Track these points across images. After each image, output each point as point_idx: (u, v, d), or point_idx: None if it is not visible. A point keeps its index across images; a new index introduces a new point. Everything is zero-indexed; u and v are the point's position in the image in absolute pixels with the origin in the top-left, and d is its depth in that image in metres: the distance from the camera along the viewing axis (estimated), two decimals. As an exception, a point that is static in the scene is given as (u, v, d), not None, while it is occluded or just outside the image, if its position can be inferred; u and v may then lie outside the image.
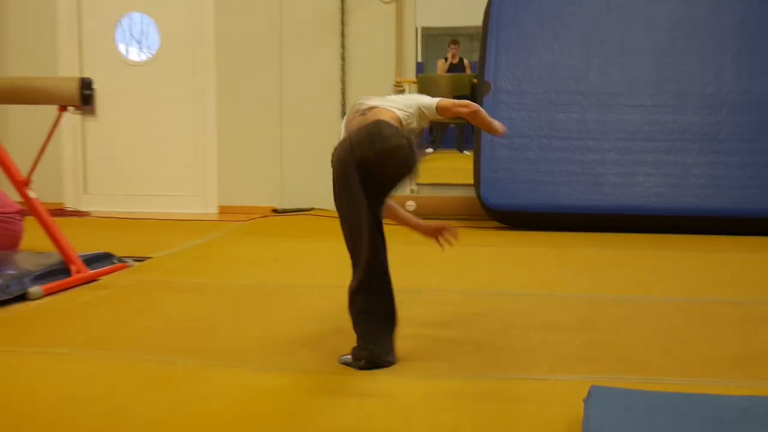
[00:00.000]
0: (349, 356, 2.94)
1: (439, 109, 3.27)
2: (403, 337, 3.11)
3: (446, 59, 7.83)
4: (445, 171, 7.86)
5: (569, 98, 6.72)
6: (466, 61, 7.89)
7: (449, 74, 7.85)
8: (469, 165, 6.86)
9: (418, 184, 7.60)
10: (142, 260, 5.10)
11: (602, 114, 6.67)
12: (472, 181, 6.79)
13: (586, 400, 2.34)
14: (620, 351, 3.14)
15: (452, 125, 7.96)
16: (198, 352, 3.11)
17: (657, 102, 6.67)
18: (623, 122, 6.65)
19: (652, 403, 2.35)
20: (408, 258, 5.39)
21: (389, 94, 3.38)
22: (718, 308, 3.88)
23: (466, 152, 7.93)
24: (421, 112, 3.27)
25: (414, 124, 3.28)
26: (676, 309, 3.87)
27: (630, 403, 2.36)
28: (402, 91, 7.52)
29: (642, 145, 6.60)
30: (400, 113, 3.19)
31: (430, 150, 7.87)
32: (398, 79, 7.50)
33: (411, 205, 7.19)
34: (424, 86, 7.42)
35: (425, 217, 7.07)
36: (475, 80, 7.19)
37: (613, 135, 6.63)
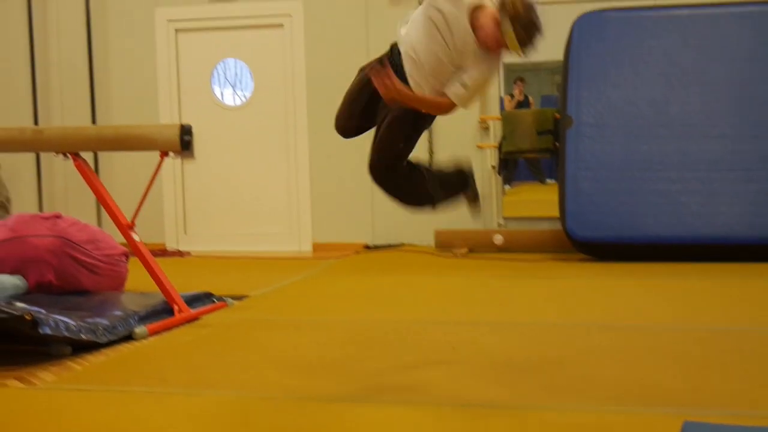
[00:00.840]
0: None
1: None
2: (497, 370, 3.16)
3: (512, 96, 7.92)
4: (528, 204, 7.93)
5: (650, 130, 6.75)
6: (531, 99, 8.01)
7: (533, 110, 7.94)
8: (548, 196, 6.94)
9: (504, 218, 7.68)
10: (241, 299, 5.26)
11: (683, 145, 6.68)
12: (556, 214, 6.86)
13: None
14: (712, 383, 3.16)
15: (521, 159, 8.06)
16: (300, 388, 3.23)
17: (737, 132, 6.67)
18: (704, 152, 6.65)
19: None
20: (496, 292, 5.46)
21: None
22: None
23: (549, 181, 8.03)
24: None
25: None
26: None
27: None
28: (486, 129, 7.61)
29: (723, 175, 6.59)
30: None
31: (507, 186, 7.95)
32: (482, 117, 7.58)
33: (499, 238, 7.26)
34: (509, 123, 7.51)
35: (514, 251, 7.17)
36: (557, 115, 7.26)
37: (694, 165, 6.63)
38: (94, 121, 8.34)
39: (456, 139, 7.52)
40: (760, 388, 3.10)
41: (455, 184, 3.79)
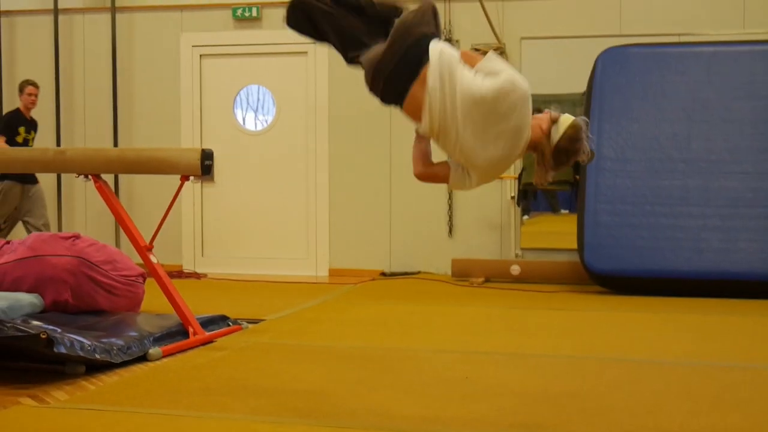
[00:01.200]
0: None
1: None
2: (510, 401, 3.15)
3: None
4: (546, 235, 7.92)
5: (672, 165, 6.75)
6: None
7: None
8: (565, 227, 6.93)
9: (522, 249, 7.67)
10: (256, 322, 5.28)
11: (705, 181, 6.68)
12: (571, 244, 6.87)
13: None
14: (726, 421, 3.14)
15: (539, 190, 8.04)
16: (312, 414, 3.22)
17: (759, 169, 6.67)
18: (725, 189, 6.64)
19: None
20: (512, 322, 5.44)
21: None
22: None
23: (563, 211, 8.02)
24: None
25: None
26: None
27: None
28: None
29: (744, 212, 6.57)
30: None
31: (525, 217, 7.94)
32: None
33: (516, 269, 7.25)
34: (530, 155, 7.49)
35: (531, 281, 7.16)
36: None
37: (715, 201, 6.63)
38: (115, 144, 8.41)
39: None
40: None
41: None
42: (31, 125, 7.66)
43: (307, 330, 5.17)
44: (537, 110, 3.14)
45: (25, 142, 7.52)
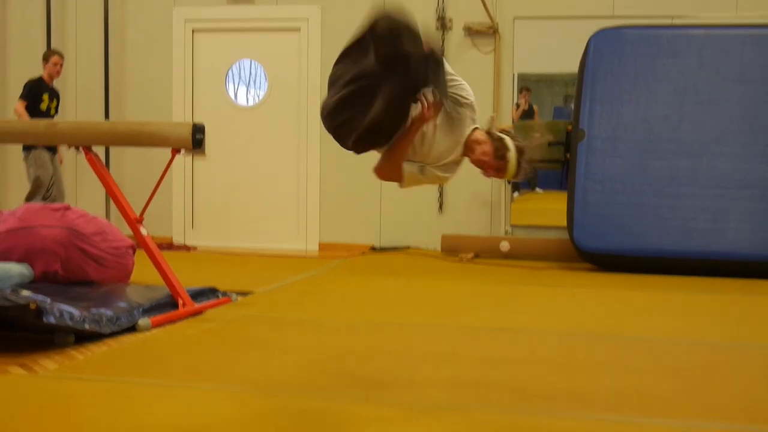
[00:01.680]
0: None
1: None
2: (496, 375, 3.19)
3: (518, 105, 7.96)
4: (534, 213, 7.99)
5: (662, 146, 6.79)
6: (535, 107, 8.06)
7: (545, 121, 7.98)
8: (555, 205, 6.97)
9: (512, 226, 7.71)
10: (246, 295, 5.30)
11: (694, 162, 6.72)
12: (561, 222, 6.95)
13: None
14: (711, 397, 3.18)
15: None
16: (300, 385, 3.26)
17: (748, 151, 6.70)
18: (715, 170, 6.69)
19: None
20: (500, 298, 5.48)
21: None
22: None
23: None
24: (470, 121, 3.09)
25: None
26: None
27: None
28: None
29: (733, 193, 6.62)
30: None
31: (516, 194, 7.99)
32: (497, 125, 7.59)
33: (505, 245, 7.29)
34: (522, 132, 7.51)
35: (520, 258, 7.20)
36: (569, 127, 7.30)
37: (704, 183, 6.67)
38: (107, 117, 8.40)
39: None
40: (759, 403, 3.12)
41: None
42: (54, 94, 7.79)
43: (296, 303, 5.20)
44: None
45: (48, 111, 7.67)
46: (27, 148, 7.51)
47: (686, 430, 2.62)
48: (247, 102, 8.48)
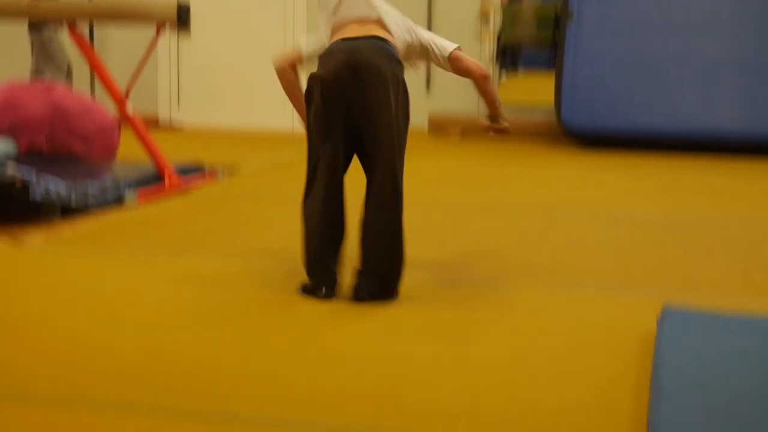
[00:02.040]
0: None
1: (452, 58, 3.04)
2: (481, 249, 3.23)
3: None
4: (523, 93, 7.98)
5: (652, 26, 6.71)
6: None
7: (534, 4, 7.86)
8: (543, 86, 6.94)
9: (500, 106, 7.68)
10: (231, 172, 5.31)
11: (684, 41, 6.65)
12: (549, 103, 6.92)
13: (659, 321, 2.36)
14: (694, 270, 3.24)
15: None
16: (285, 255, 3.30)
17: (739, 32, 6.62)
18: (705, 50, 6.63)
19: (725, 325, 2.39)
20: (488, 175, 5.52)
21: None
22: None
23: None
24: (430, 51, 3.06)
25: (412, 57, 3.06)
26: (754, 232, 3.92)
27: (702, 323, 2.38)
28: (486, 20, 7.49)
29: (723, 71, 6.59)
30: (400, 39, 2.99)
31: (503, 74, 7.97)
32: (484, 6, 7.45)
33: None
34: (509, 14, 7.43)
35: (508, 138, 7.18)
36: (558, 11, 7.21)
37: (693, 62, 6.62)
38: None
39: (456, 28, 7.42)
40: (740, 275, 3.19)
41: None
42: None
43: (282, 179, 5.22)
44: None
45: None
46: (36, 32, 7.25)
47: (666, 301, 2.68)
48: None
